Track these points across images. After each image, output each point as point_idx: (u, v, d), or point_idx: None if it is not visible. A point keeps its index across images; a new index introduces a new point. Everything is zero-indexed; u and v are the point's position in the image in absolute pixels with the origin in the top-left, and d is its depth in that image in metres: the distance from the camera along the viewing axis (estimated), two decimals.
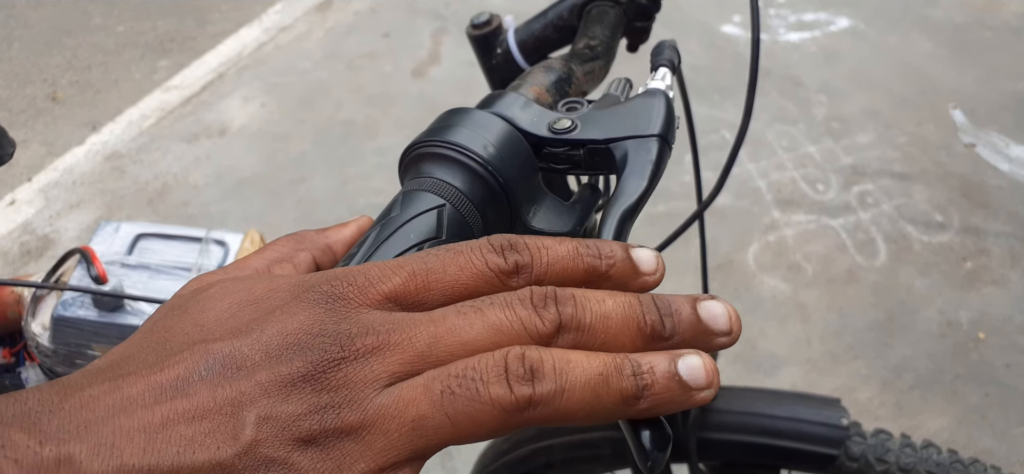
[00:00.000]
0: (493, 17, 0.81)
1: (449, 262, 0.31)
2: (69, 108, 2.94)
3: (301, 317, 0.28)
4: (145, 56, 3.17)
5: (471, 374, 0.27)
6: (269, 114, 2.86)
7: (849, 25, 3.24)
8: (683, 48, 2.57)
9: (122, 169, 2.65)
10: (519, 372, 0.27)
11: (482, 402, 0.26)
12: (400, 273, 0.30)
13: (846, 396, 1.90)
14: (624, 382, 0.28)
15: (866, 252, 2.27)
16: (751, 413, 1.01)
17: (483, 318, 0.29)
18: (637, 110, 0.50)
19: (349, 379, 0.27)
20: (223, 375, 0.26)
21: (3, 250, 2.39)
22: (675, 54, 0.63)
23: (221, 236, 1.03)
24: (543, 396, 0.27)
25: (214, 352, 0.27)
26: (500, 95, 0.51)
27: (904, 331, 2.05)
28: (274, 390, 0.26)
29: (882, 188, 2.48)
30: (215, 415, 0.25)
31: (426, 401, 0.26)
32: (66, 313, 0.96)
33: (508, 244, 0.32)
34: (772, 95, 2.86)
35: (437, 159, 0.47)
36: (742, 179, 2.50)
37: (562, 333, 0.29)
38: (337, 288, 0.29)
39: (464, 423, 0.27)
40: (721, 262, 2.24)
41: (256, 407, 0.26)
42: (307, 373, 0.26)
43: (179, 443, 0.24)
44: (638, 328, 0.30)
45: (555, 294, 0.29)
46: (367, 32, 3.24)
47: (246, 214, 2.45)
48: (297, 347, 0.27)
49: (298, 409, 0.26)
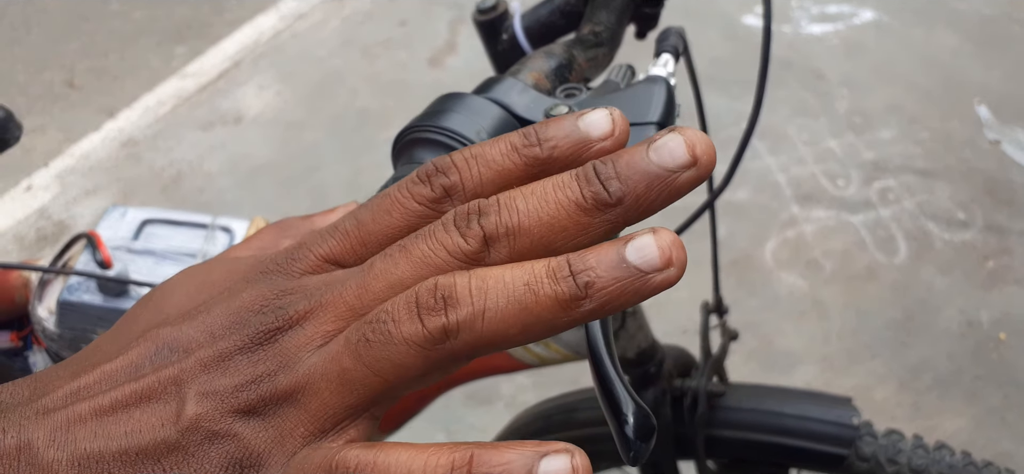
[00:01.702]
0: (499, 2, 0.79)
1: (378, 208, 0.29)
2: (86, 94, 2.95)
3: (245, 295, 0.28)
4: (162, 43, 3.18)
5: (382, 317, 0.25)
6: (284, 102, 2.86)
7: (873, 18, 3.19)
8: (703, 39, 2.56)
9: (138, 156, 2.66)
10: (429, 303, 0.25)
11: (396, 343, 0.25)
12: (334, 235, 0.29)
13: (863, 395, 1.88)
14: (559, 286, 0.25)
15: (886, 249, 2.24)
16: (760, 410, 0.99)
17: (406, 255, 0.27)
18: (636, 97, 0.48)
19: (284, 347, 0.26)
20: (169, 358, 0.27)
21: (19, 235, 2.40)
22: (681, 41, 0.61)
23: (227, 223, 1.02)
24: (459, 323, 0.24)
25: (164, 336, 0.28)
26: (497, 80, 0.50)
27: (923, 330, 2.01)
28: (212, 365, 0.26)
29: (904, 184, 2.44)
30: (160, 396, 0.26)
31: (347, 353, 0.25)
32: (71, 298, 0.95)
33: (434, 169, 0.29)
34: (793, 88, 2.83)
35: (429, 144, 0.46)
36: (761, 173, 2.47)
37: (492, 246, 0.26)
38: (280, 264, 0.29)
39: (386, 369, 0.25)
40: (738, 257, 2.22)
41: (196, 384, 0.26)
42: (243, 345, 0.26)
43: (127, 425, 0.25)
44: (577, 206, 0.26)
45: (478, 206, 0.27)
46: (384, 20, 3.23)
47: (260, 202, 2.44)
48: (238, 324, 0.27)
49: (236, 381, 0.26)
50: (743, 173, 2.45)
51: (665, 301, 2.09)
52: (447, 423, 1.81)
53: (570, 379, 1.74)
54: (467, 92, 0.48)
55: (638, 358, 0.98)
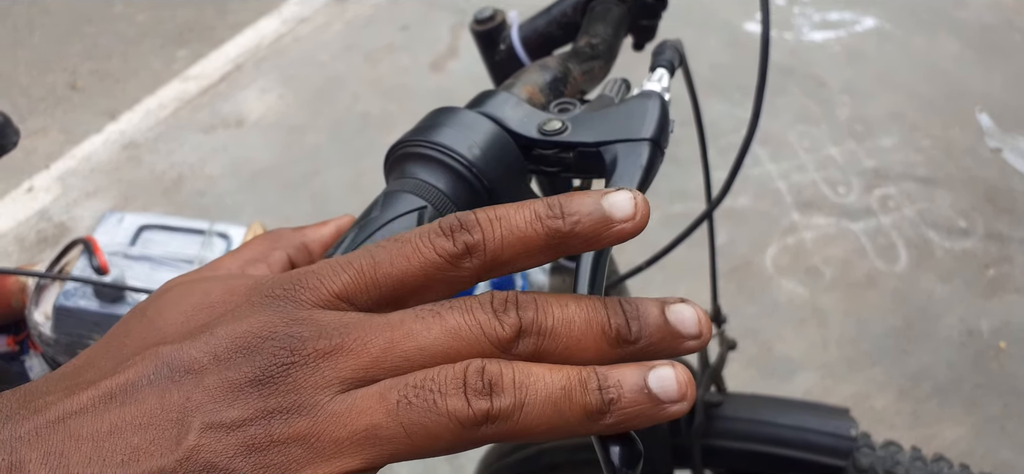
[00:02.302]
0: (497, 12, 0.80)
1: (396, 252, 0.29)
2: (88, 96, 2.95)
3: (251, 320, 0.28)
4: (165, 46, 3.18)
5: (429, 385, 0.26)
6: (286, 106, 2.86)
7: (875, 25, 3.19)
8: (704, 45, 2.56)
9: (139, 158, 2.66)
10: (478, 386, 0.26)
11: (438, 414, 0.25)
12: (348, 270, 0.29)
13: (862, 403, 1.87)
14: (589, 396, 0.27)
15: (886, 257, 2.23)
16: (757, 421, 0.99)
17: (441, 322, 0.28)
18: (630, 113, 0.48)
19: (299, 384, 0.26)
20: (171, 380, 0.26)
21: (20, 237, 2.40)
22: (676, 55, 0.61)
23: (224, 229, 1.02)
24: (501, 411, 0.26)
25: (163, 356, 0.27)
26: (490, 94, 0.50)
27: (923, 339, 2.01)
28: (220, 395, 0.26)
29: (904, 192, 2.44)
30: (160, 422, 0.25)
31: (381, 410, 0.26)
32: (67, 303, 0.95)
33: (458, 224, 0.30)
34: (794, 95, 2.83)
35: (421, 159, 0.45)
36: (762, 180, 2.47)
37: (523, 338, 0.28)
38: (288, 290, 0.29)
39: (419, 435, 0.25)
40: (738, 264, 2.22)
41: (201, 414, 0.25)
42: (255, 378, 0.26)
43: (125, 451, 0.24)
44: (602, 331, 0.29)
45: (516, 298, 0.28)
46: (386, 25, 3.24)
47: (261, 206, 2.44)
48: (246, 351, 0.27)
49: (244, 414, 0.25)
50: (744, 180, 2.45)
51: None
52: None
53: None
54: (460, 107, 0.48)
55: None
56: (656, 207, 2.36)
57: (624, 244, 0.38)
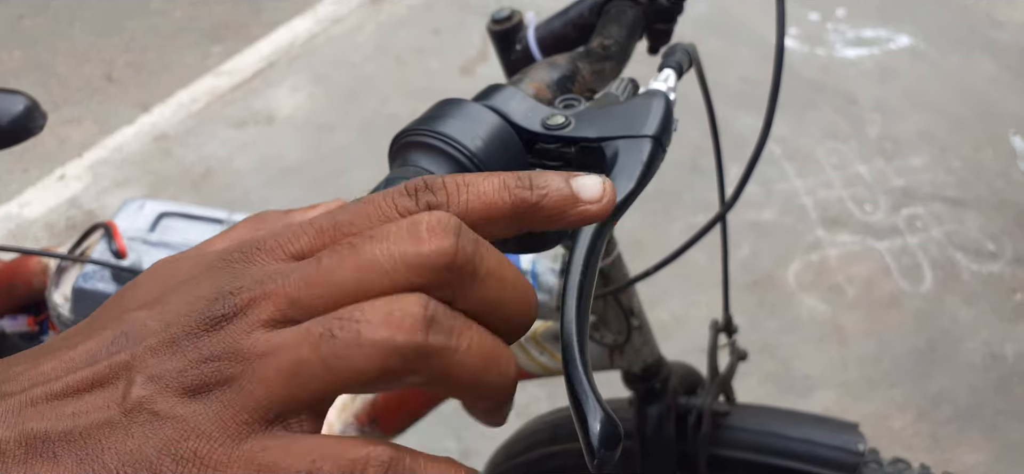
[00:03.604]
0: (514, 13, 0.80)
1: (358, 213, 0.30)
2: (123, 88, 3.00)
3: (206, 284, 0.28)
4: (199, 41, 3.23)
5: (356, 315, 0.26)
6: (316, 104, 2.89)
7: (909, 43, 3.16)
8: (735, 57, 2.55)
9: (169, 150, 2.70)
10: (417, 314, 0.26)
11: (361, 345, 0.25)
12: (309, 231, 0.30)
13: (880, 424, 1.85)
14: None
15: (911, 277, 2.21)
16: (765, 432, 0.98)
17: (354, 255, 0.27)
18: (634, 110, 0.48)
19: (229, 332, 0.27)
20: (124, 345, 0.27)
21: (50, 223, 2.44)
22: (686, 58, 0.61)
23: (241, 218, 1.04)
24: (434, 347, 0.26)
25: (122, 325, 0.28)
26: (497, 88, 0.50)
27: (946, 361, 1.99)
28: (162, 351, 0.27)
29: (933, 213, 2.41)
30: (110, 381, 0.26)
31: (306, 344, 0.26)
32: (86, 286, 0.97)
33: (423, 185, 0.30)
34: (824, 110, 2.81)
35: (423, 148, 0.46)
36: (788, 195, 2.45)
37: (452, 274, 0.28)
38: (246, 253, 0.29)
39: (340, 368, 0.26)
40: (760, 278, 2.20)
41: (145, 368, 0.26)
42: (192, 330, 0.27)
43: (75, 407, 0.26)
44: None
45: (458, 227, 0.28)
46: (418, 27, 3.26)
47: (287, 202, 2.47)
48: (192, 311, 0.27)
49: (181, 364, 0.26)
50: (769, 194, 2.43)
51: (684, 318, 2.08)
52: (458, 428, 1.82)
53: None
54: (466, 99, 0.48)
55: (643, 373, 0.98)
56: (678, 217, 2.35)
57: (642, 249, 0.39)
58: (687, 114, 0.88)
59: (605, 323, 0.96)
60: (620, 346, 0.96)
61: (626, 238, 2.30)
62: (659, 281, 2.16)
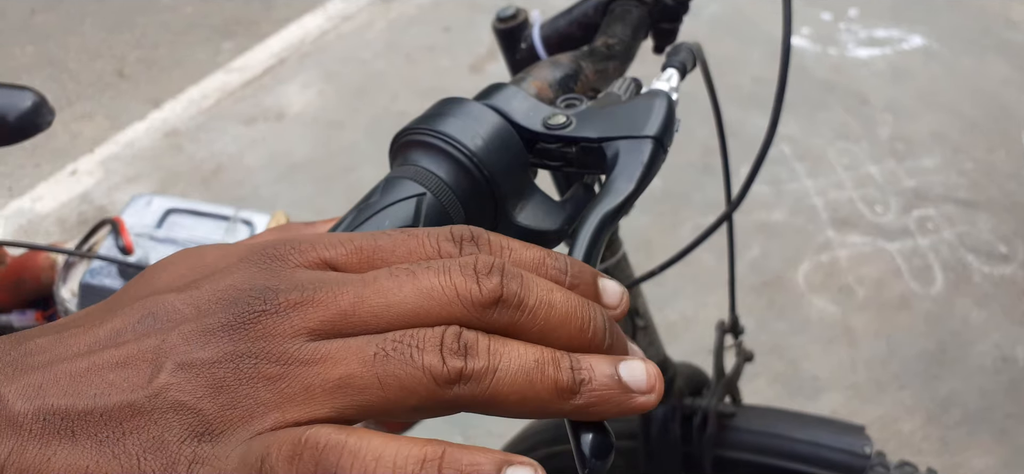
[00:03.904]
0: (519, 11, 0.80)
1: (400, 244, 0.30)
2: (134, 84, 3.01)
3: (237, 276, 0.29)
4: (210, 38, 3.24)
5: (408, 340, 0.26)
6: (326, 101, 2.89)
7: (922, 44, 3.14)
8: (748, 58, 2.53)
9: (180, 146, 2.71)
10: (453, 346, 0.26)
11: (414, 367, 0.26)
12: (346, 245, 0.30)
13: (889, 427, 1.84)
14: (561, 373, 0.28)
15: (922, 279, 2.20)
16: (771, 434, 0.98)
17: (414, 282, 0.28)
18: (635, 110, 0.48)
19: (269, 331, 0.27)
20: (153, 327, 0.27)
21: (62, 218, 2.46)
22: (690, 57, 0.61)
23: (248, 215, 1.04)
24: (475, 372, 0.26)
25: (149, 306, 0.28)
26: (498, 87, 0.50)
27: (956, 364, 1.97)
28: (194, 339, 0.26)
29: (944, 214, 2.40)
30: (137, 362, 0.26)
31: (357, 360, 0.26)
32: (93, 281, 0.97)
33: (469, 236, 0.31)
34: (836, 111, 2.79)
35: (424, 147, 0.46)
36: (798, 196, 2.44)
37: (500, 307, 0.28)
38: (280, 251, 0.30)
39: (393, 387, 0.26)
40: (770, 279, 2.19)
41: (175, 355, 0.26)
42: (228, 323, 0.27)
43: (99, 386, 0.25)
44: (580, 328, 0.29)
45: (503, 267, 0.29)
46: (428, 25, 3.26)
47: (296, 198, 2.48)
48: (225, 302, 0.27)
49: (214, 356, 0.26)
50: (780, 194, 2.42)
51: (692, 319, 2.07)
52: (465, 427, 1.82)
53: None
54: (467, 98, 0.48)
55: None
56: (688, 217, 2.35)
57: (651, 249, 0.38)
58: (697, 114, 0.88)
59: None
60: None
61: (635, 238, 2.30)
62: (668, 282, 2.16)
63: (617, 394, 0.28)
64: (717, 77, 0.76)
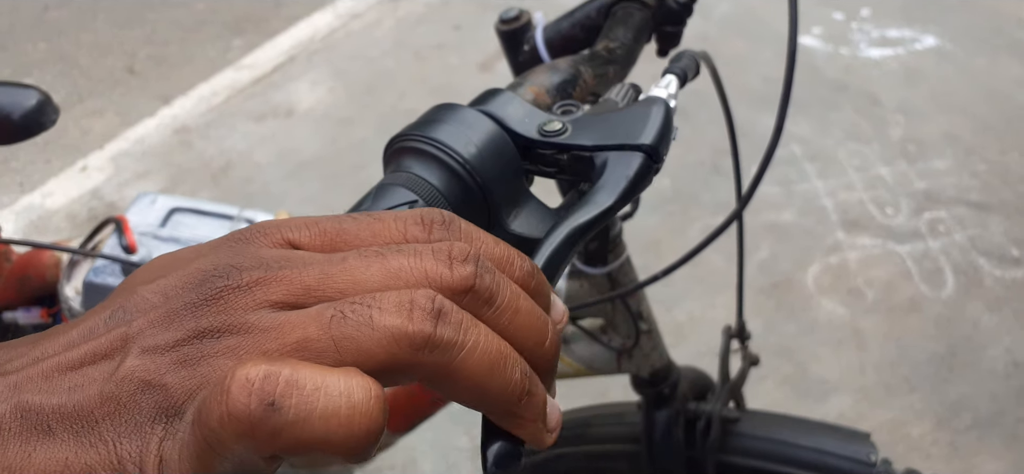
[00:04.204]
0: (523, 13, 0.80)
1: (364, 227, 0.30)
2: (145, 81, 3.02)
3: (204, 260, 0.29)
4: (221, 35, 3.24)
5: (368, 300, 0.26)
6: (335, 99, 2.89)
7: (935, 44, 3.12)
8: (758, 58, 2.52)
9: (189, 143, 2.72)
10: (426, 307, 0.26)
11: (373, 328, 0.25)
12: (312, 228, 0.30)
13: (898, 431, 1.83)
14: (518, 375, 0.28)
15: (932, 282, 2.18)
16: (775, 440, 0.97)
17: (383, 262, 0.28)
18: (631, 118, 0.47)
19: (231, 305, 0.27)
20: (123, 319, 0.28)
21: (72, 214, 2.47)
22: (692, 64, 0.60)
23: (252, 215, 1.04)
24: (443, 340, 0.26)
25: (120, 301, 0.28)
26: (494, 93, 0.50)
27: (966, 368, 1.96)
28: (159, 322, 0.27)
29: (956, 217, 2.38)
30: (106, 353, 0.27)
31: (315, 324, 0.26)
32: (96, 280, 0.97)
33: (441, 220, 0.30)
34: (847, 111, 2.77)
35: (416, 154, 0.46)
36: (808, 197, 2.43)
37: (471, 296, 0.28)
38: (245, 234, 0.30)
39: (349, 349, 0.25)
40: (779, 280, 2.18)
41: (140, 340, 0.27)
42: (192, 303, 0.27)
43: (72, 381, 0.26)
44: (538, 340, 0.29)
45: (477, 256, 0.28)
46: (437, 23, 3.26)
47: (305, 195, 2.48)
48: (191, 284, 0.28)
49: (178, 335, 0.26)
50: (789, 195, 2.41)
51: (700, 320, 2.06)
52: (469, 425, 1.82)
53: (599, 391, 1.73)
54: (462, 104, 0.48)
55: (652, 378, 0.97)
56: (697, 217, 2.34)
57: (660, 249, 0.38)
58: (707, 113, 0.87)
59: (613, 327, 0.95)
60: (628, 350, 0.95)
61: (644, 238, 2.29)
62: (677, 283, 2.16)
63: (540, 418, 0.29)
64: (727, 77, 0.75)
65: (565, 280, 0.94)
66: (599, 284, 0.90)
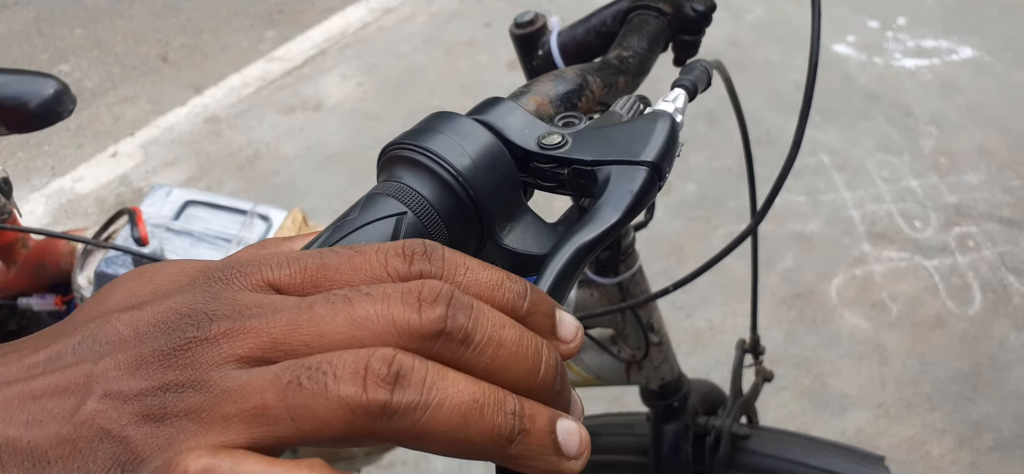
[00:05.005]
0: (538, 17, 0.79)
1: (344, 261, 0.29)
2: (177, 69, 3.05)
3: (179, 299, 0.28)
4: (254, 26, 3.26)
5: (324, 368, 0.25)
6: (364, 94, 2.90)
7: (972, 56, 3.06)
8: (791, 64, 2.48)
9: (218, 133, 2.74)
10: (381, 372, 0.25)
11: (328, 399, 0.24)
12: (292, 265, 0.29)
13: (917, 449, 1.80)
14: (501, 418, 0.26)
15: (959, 298, 2.14)
16: (786, 459, 0.96)
17: (349, 310, 0.26)
18: (635, 133, 0.46)
19: (197, 360, 0.26)
20: (90, 350, 0.27)
21: (100, 199, 2.50)
22: (704, 77, 0.59)
23: (265, 211, 1.04)
24: (401, 406, 0.24)
25: (92, 329, 0.28)
26: (495, 102, 0.49)
27: (991, 387, 1.92)
28: (126, 367, 0.26)
29: (986, 233, 2.34)
30: (68, 389, 0.26)
31: (272, 390, 0.25)
32: (107, 270, 0.98)
33: (422, 251, 0.29)
34: (878, 121, 2.73)
35: (408, 163, 0.45)
36: (835, 207, 2.40)
37: (443, 340, 0.26)
38: (226, 273, 0.29)
39: (305, 418, 0.25)
40: (801, 291, 2.15)
41: (104, 382, 0.26)
42: (160, 351, 0.26)
43: (30, 412, 0.25)
44: (530, 369, 0.28)
45: (450, 295, 0.27)
46: (469, 20, 3.25)
47: (330, 189, 2.49)
48: (163, 327, 0.27)
49: (142, 386, 0.25)
50: (816, 205, 2.38)
51: (720, 328, 2.04)
52: None
53: (612, 397, 1.71)
54: (459, 113, 0.47)
55: (661, 390, 0.96)
56: (721, 224, 2.31)
57: (682, 255, 0.37)
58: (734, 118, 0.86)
59: (623, 337, 0.94)
60: (638, 361, 0.94)
61: (667, 243, 2.27)
62: (697, 289, 2.14)
63: (548, 452, 0.27)
64: (759, 83, 0.74)
65: (574, 289, 0.93)
66: (610, 294, 0.89)
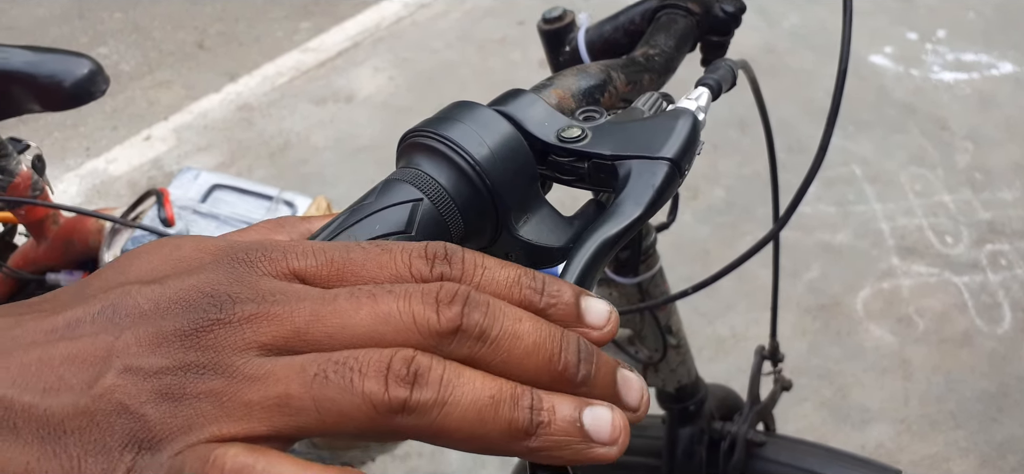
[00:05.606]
0: (566, 13, 0.79)
1: (371, 258, 0.30)
2: (213, 56, 3.08)
3: (202, 277, 0.28)
4: (289, 16, 3.29)
5: (351, 363, 0.25)
6: (396, 87, 2.91)
7: (1013, 71, 3.01)
8: (825, 72, 2.46)
9: (251, 121, 2.76)
10: (401, 372, 0.25)
11: (353, 393, 0.25)
12: (318, 256, 0.29)
13: (939, 466, 1.78)
14: (517, 412, 0.26)
15: (989, 317, 2.11)
16: (801, 468, 0.95)
17: (373, 304, 0.27)
18: (655, 128, 0.46)
19: (219, 343, 0.26)
20: (111, 321, 0.27)
21: (132, 181, 2.53)
22: (729, 76, 0.59)
23: (291, 197, 1.05)
24: (420, 404, 0.25)
25: (112, 298, 0.28)
26: (516, 94, 0.49)
27: (1017, 408, 1.89)
28: (146, 342, 0.26)
29: (1019, 251, 2.30)
30: (87, 358, 0.26)
31: (297, 381, 0.25)
32: (133, 249, 1.00)
33: (443, 253, 0.30)
34: (913, 134, 2.70)
35: (426, 151, 0.45)
36: (864, 219, 2.37)
37: (459, 337, 0.27)
38: (250, 256, 0.29)
39: (329, 411, 0.25)
40: (827, 302, 2.13)
41: (124, 357, 0.26)
42: (182, 330, 0.26)
43: (47, 380, 0.25)
44: (549, 360, 0.28)
45: (466, 295, 0.27)
46: (503, 18, 3.26)
47: (358, 180, 2.50)
48: (185, 305, 0.27)
49: (163, 364, 0.26)
50: (846, 216, 2.36)
51: (743, 335, 2.03)
52: None
53: None
54: (480, 103, 0.47)
55: (677, 393, 0.95)
56: (747, 232, 2.30)
57: (708, 260, 0.37)
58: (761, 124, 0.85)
59: (641, 338, 0.94)
60: (655, 363, 0.94)
61: (694, 248, 2.26)
62: (722, 295, 2.12)
63: (576, 441, 0.27)
64: (792, 90, 0.74)
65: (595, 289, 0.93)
66: (629, 294, 0.89)
